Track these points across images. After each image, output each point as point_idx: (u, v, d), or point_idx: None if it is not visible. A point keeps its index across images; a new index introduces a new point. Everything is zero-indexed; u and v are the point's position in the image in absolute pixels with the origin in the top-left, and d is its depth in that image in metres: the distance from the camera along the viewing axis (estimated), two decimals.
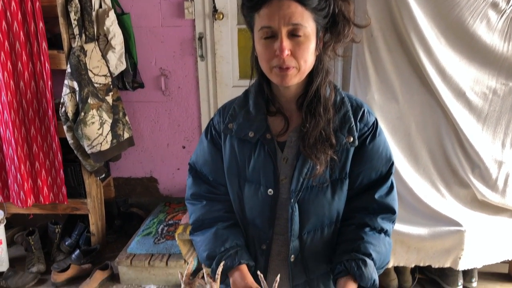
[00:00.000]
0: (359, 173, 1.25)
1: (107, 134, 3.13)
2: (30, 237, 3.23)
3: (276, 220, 1.28)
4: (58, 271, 3.07)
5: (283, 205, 1.26)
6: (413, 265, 2.84)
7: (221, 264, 1.18)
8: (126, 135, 3.34)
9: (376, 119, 1.26)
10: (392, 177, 1.28)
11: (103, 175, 3.40)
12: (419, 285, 2.95)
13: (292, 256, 1.26)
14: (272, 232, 1.28)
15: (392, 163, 1.27)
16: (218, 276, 1.17)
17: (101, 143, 3.07)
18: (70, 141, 3.07)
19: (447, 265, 2.78)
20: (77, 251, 3.28)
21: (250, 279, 1.20)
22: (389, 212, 1.27)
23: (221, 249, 1.24)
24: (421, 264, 2.80)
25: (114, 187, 3.83)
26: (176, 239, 3.06)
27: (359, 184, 1.26)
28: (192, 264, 1.22)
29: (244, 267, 1.23)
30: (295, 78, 1.16)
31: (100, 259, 3.31)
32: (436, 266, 2.80)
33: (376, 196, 1.25)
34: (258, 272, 1.11)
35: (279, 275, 1.12)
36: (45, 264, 3.24)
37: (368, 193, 1.26)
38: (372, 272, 1.16)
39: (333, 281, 1.21)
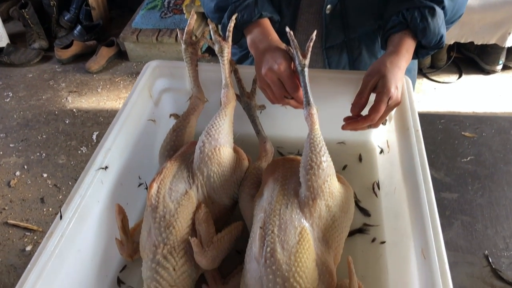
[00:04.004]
0: None
1: None
2: (24, 10, 2.91)
3: None
4: (61, 47, 2.85)
5: None
6: (452, 42, 2.52)
7: (233, 17, 0.86)
8: None
9: None
10: None
11: None
12: (453, 64, 2.68)
13: (329, 7, 0.92)
14: None
15: None
16: (229, 34, 0.86)
17: None
18: None
19: (492, 41, 2.45)
20: (79, 27, 3.00)
21: (274, 36, 0.89)
22: None
23: None
24: (462, 41, 2.47)
25: None
26: (185, 12, 2.71)
27: None
28: (194, 18, 0.87)
29: (266, 22, 0.91)
30: None
31: (104, 36, 3.05)
32: (479, 43, 2.47)
33: None
34: (287, 29, 0.79)
35: (315, 32, 0.80)
36: (46, 40, 3.01)
37: None
38: (441, 26, 0.84)
39: (383, 40, 0.90)
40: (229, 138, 0.81)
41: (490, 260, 0.81)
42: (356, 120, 0.82)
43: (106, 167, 0.76)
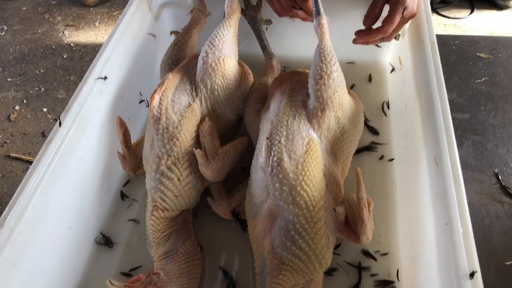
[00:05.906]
0: None
1: None
2: None
3: None
4: None
5: None
6: None
7: None
8: None
9: None
10: None
11: None
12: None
13: None
14: None
15: None
16: None
17: None
18: None
19: None
20: None
21: None
22: None
23: None
24: None
25: None
26: None
27: None
28: None
29: None
30: None
31: None
32: None
33: None
34: None
35: None
36: None
37: None
38: None
39: None
40: (234, 49, 0.77)
41: (500, 178, 0.79)
42: (369, 32, 0.77)
43: (106, 77, 0.73)
